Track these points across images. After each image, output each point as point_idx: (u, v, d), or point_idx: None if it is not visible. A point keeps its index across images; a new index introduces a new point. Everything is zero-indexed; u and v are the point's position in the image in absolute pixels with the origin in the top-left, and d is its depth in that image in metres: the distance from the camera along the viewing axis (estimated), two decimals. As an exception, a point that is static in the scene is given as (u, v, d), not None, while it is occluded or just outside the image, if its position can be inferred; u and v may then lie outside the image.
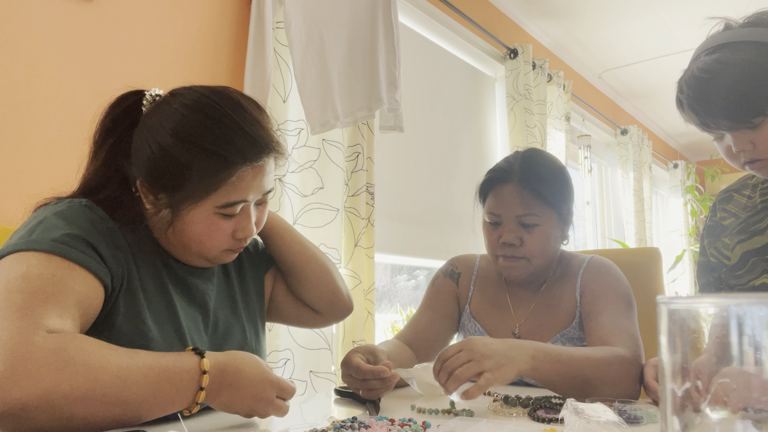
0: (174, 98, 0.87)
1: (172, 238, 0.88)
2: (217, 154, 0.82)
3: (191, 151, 0.82)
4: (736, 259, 1.09)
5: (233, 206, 0.85)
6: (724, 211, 1.17)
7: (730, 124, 0.97)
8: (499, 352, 0.93)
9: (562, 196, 1.26)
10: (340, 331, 1.93)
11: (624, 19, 3.59)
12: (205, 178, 0.82)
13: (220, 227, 0.86)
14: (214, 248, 0.89)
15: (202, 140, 0.82)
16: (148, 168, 0.84)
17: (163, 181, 0.83)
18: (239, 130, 0.84)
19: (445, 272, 1.42)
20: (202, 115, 0.84)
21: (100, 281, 0.77)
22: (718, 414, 0.35)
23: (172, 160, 0.82)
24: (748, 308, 0.33)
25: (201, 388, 0.73)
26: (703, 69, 0.98)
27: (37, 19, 1.40)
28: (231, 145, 0.83)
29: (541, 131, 3.23)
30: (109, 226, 0.82)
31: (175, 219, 0.85)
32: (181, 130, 0.83)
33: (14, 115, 1.36)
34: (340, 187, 1.97)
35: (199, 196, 0.83)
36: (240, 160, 0.83)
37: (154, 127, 0.84)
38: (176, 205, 0.84)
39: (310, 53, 1.83)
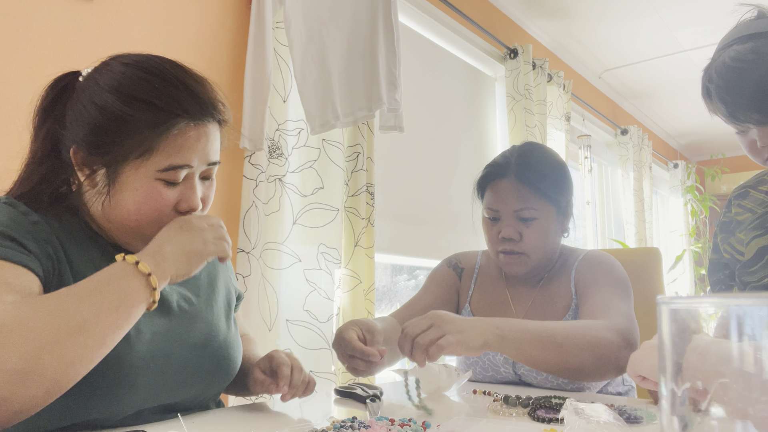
0: (113, 60, 0.85)
1: (109, 213, 0.83)
2: (156, 106, 0.79)
3: (130, 104, 0.78)
4: (750, 254, 1.07)
5: (176, 170, 0.81)
6: (739, 206, 1.15)
7: (761, 117, 0.93)
8: (462, 320, 0.95)
9: (560, 189, 1.26)
10: (340, 331, 1.93)
11: (624, 19, 3.59)
12: (144, 130, 0.78)
13: (162, 195, 0.81)
14: (154, 222, 0.82)
15: (140, 93, 0.79)
16: (85, 130, 0.80)
17: (100, 140, 0.79)
18: (180, 85, 0.82)
19: (450, 264, 1.44)
20: (141, 71, 0.82)
21: (33, 272, 0.73)
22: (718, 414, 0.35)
23: (109, 116, 0.78)
24: (748, 308, 0.33)
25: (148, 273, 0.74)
26: (736, 58, 0.93)
27: (37, 19, 1.40)
28: (172, 99, 0.80)
29: (541, 131, 3.23)
30: (33, 220, 0.78)
31: (112, 186, 0.80)
32: (119, 86, 0.80)
33: (13, 115, 1.35)
34: (340, 187, 1.97)
35: (138, 151, 0.78)
36: (180, 112, 0.80)
37: (90, 87, 0.82)
38: (114, 167, 0.79)
39: (310, 53, 1.83)
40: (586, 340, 1.02)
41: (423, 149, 2.69)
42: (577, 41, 3.86)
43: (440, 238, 2.74)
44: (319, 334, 1.84)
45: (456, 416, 0.88)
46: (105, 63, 0.85)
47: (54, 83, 0.86)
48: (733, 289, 1.15)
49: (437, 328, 0.92)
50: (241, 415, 0.91)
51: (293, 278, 1.83)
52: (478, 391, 1.13)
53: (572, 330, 1.03)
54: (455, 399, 1.06)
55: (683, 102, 4.90)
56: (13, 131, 1.35)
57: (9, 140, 1.34)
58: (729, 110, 0.97)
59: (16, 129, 1.36)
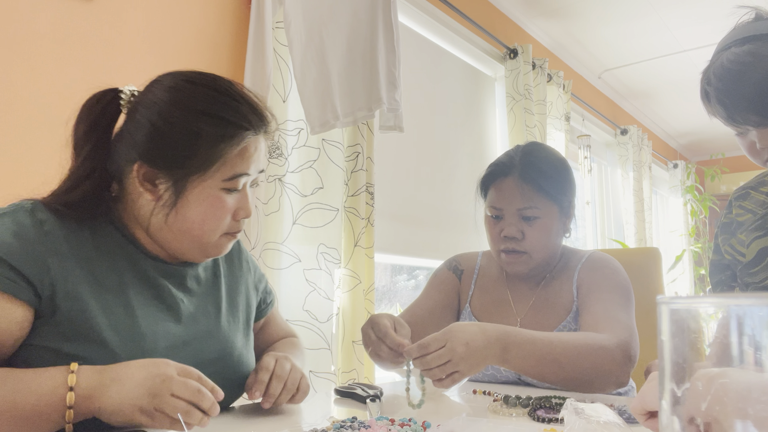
0: (166, 77, 0.87)
1: (173, 226, 0.85)
2: (225, 120, 0.83)
3: (200, 118, 0.82)
4: (751, 255, 1.07)
5: (238, 179, 0.85)
6: (740, 207, 1.15)
7: (760, 119, 0.93)
8: (476, 353, 0.97)
9: (563, 189, 1.26)
10: (340, 331, 1.93)
11: (624, 19, 3.59)
12: (216, 144, 0.82)
13: (225, 204, 0.85)
14: (216, 230, 0.86)
15: (208, 107, 0.83)
16: (151, 145, 0.82)
17: (170, 154, 0.82)
18: (241, 99, 0.86)
19: (449, 266, 1.44)
20: (205, 87, 0.85)
21: (16, 298, 0.74)
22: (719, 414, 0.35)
23: (179, 130, 0.81)
24: (748, 308, 0.33)
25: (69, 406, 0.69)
26: (734, 60, 0.93)
27: (37, 18, 1.40)
28: (237, 112, 0.84)
29: (540, 131, 3.23)
30: (45, 230, 0.78)
31: (179, 199, 0.83)
32: (185, 100, 0.83)
33: (13, 115, 1.35)
34: (339, 187, 1.97)
35: (209, 165, 0.82)
36: (246, 125, 0.84)
37: (152, 103, 0.84)
38: (182, 180, 0.82)
39: (310, 53, 1.83)
40: (588, 355, 1.03)
41: (423, 149, 2.69)
42: (576, 41, 3.87)
43: (440, 238, 2.74)
44: (318, 334, 1.84)
45: (456, 416, 0.88)
46: (159, 80, 0.88)
47: (95, 101, 0.88)
48: (735, 290, 1.15)
49: (453, 365, 0.95)
50: (241, 415, 0.91)
51: (293, 278, 1.83)
52: (478, 391, 1.13)
53: (574, 345, 1.03)
54: (455, 399, 1.06)
55: (683, 102, 4.90)
56: (13, 131, 1.35)
57: (9, 140, 1.34)
58: (728, 113, 0.96)
59: (16, 129, 1.36)
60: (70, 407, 0.69)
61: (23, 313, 0.75)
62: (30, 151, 1.38)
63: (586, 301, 1.21)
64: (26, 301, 0.75)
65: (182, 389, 0.71)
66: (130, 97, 0.87)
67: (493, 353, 0.99)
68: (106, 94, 0.88)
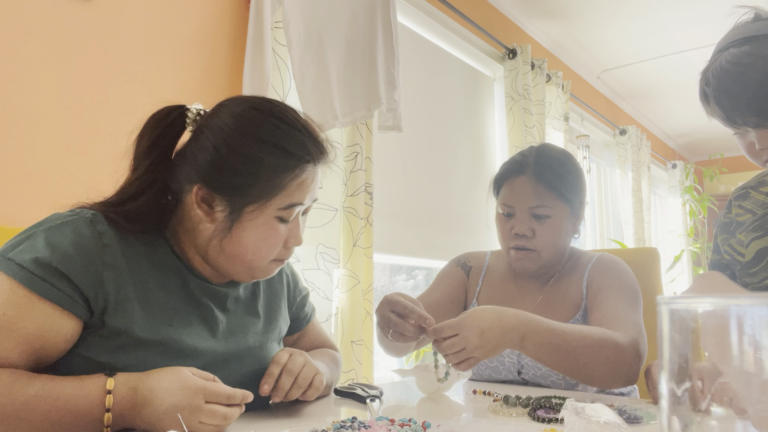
0: (232, 102, 0.88)
1: (226, 249, 0.85)
2: (287, 151, 0.84)
3: (263, 148, 0.83)
4: (750, 255, 1.07)
5: (293, 208, 0.86)
6: (739, 207, 1.15)
7: (759, 120, 0.93)
8: (492, 341, 0.98)
9: (575, 190, 1.28)
10: (339, 331, 1.93)
11: (623, 19, 3.59)
12: (277, 175, 0.83)
13: (278, 232, 0.86)
14: (267, 256, 0.87)
15: (272, 137, 0.83)
16: (214, 169, 0.83)
17: (231, 181, 0.83)
18: (304, 129, 0.86)
19: (458, 263, 1.47)
20: (266, 114, 0.85)
21: (68, 311, 0.75)
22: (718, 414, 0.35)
23: (242, 158, 0.82)
24: (748, 308, 0.33)
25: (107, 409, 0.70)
26: (733, 61, 0.93)
27: (36, 18, 1.40)
28: (299, 143, 0.85)
29: (539, 131, 3.23)
30: (104, 242, 0.79)
31: (235, 225, 0.84)
32: (250, 128, 0.83)
33: (13, 115, 1.35)
34: (338, 187, 1.97)
35: (269, 194, 0.83)
36: (307, 158, 0.85)
37: (218, 128, 0.84)
38: (240, 206, 0.83)
39: (309, 53, 1.83)
40: (602, 349, 1.04)
41: (421, 149, 2.69)
42: (575, 41, 3.87)
43: (439, 238, 2.74)
44: (318, 334, 1.84)
45: (456, 416, 0.88)
46: (224, 104, 0.88)
47: (161, 117, 0.88)
48: None
49: (467, 352, 0.97)
50: (241, 415, 0.91)
51: (292, 278, 1.83)
52: (478, 391, 1.13)
53: (590, 338, 1.04)
54: (455, 399, 1.06)
55: (682, 102, 4.91)
56: (12, 131, 1.35)
57: (9, 140, 1.34)
58: (726, 113, 0.96)
59: (15, 128, 1.36)
60: (108, 410, 0.70)
61: (72, 327, 0.76)
62: (30, 151, 1.37)
63: (596, 300, 1.22)
64: (78, 315, 0.75)
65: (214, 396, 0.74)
66: (196, 116, 0.88)
67: (510, 340, 1.00)
68: (174, 111, 0.89)
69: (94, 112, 1.49)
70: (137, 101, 1.57)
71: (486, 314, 0.99)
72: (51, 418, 0.69)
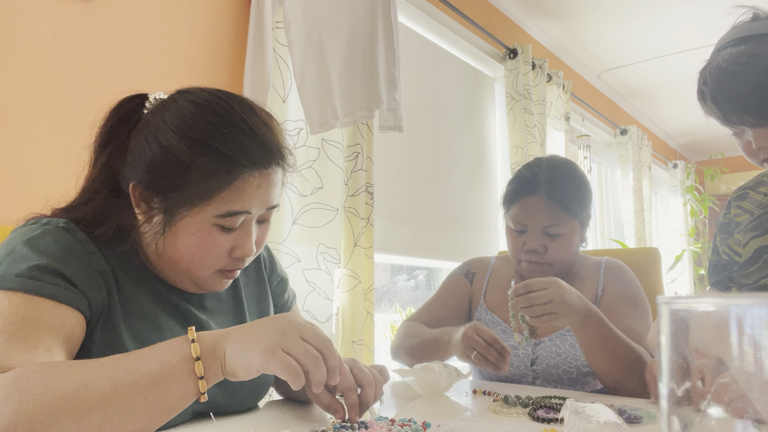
0: (181, 95, 0.82)
1: (162, 252, 0.81)
2: (222, 154, 0.76)
3: (195, 149, 0.76)
4: (748, 255, 1.07)
5: (234, 216, 0.78)
6: (738, 207, 1.15)
7: (755, 120, 0.93)
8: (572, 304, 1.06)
9: (584, 205, 1.32)
10: (339, 331, 1.93)
11: (624, 19, 3.59)
12: (208, 179, 0.76)
13: (217, 241, 0.79)
14: (206, 266, 0.81)
15: (207, 138, 0.76)
16: (146, 168, 0.77)
17: (161, 182, 0.77)
18: (249, 131, 0.78)
19: (462, 271, 1.51)
20: (209, 112, 0.78)
21: (76, 309, 0.71)
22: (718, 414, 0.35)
23: (173, 159, 0.76)
24: (748, 308, 0.33)
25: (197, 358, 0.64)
26: (730, 61, 0.93)
27: (36, 18, 1.40)
28: (238, 146, 0.77)
29: (540, 131, 3.23)
30: (88, 250, 0.76)
31: (168, 227, 0.78)
32: (186, 128, 0.77)
33: (13, 115, 1.35)
34: (339, 187, 1.97)
35: (198, 199, 0.76)
36: (246, 162, 0.77)
37: (156, 124, 0.79)
38: (171, 209, 0.77)
39: (310, 53, 1.83)
40: (637, 364, 1.10)
41: (422, 149, 2.69)
42: (576, 41, 3.87)
43: (439, 238, 2.74)
44: (318, 334, 1.84)
45: (456, 416, 0.88)
46: (173, 98, 0.82)
47: (118, 106, 0.84)
48: (732, 290, 1.15)
49: (552, 305, 1.05)
50: (240, 415, 0.91)
51: (292, 278, 1.83)
52: (478, 391, 1.13)
53: (634, 352, 1.11)
54: (455, 399, 1.06)
55: (682, 102, 4.91)
56: (12, 131, 1.35)
57: (9, 139, 1.34)
58: (723, 113, 0.97)
59: (15, 128, 1.36)
60: (198, 359, 0.64)
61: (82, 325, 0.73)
62: (30, 151, 1.37)
63: (616, 312, 1.26)
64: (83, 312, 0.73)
65: (313, 336, 0.67)
66: (153, 106, 0.83)
67: (580, 313, 1.08)
68: (130, 101, 0.83)
69: (94, 112, 1.49)
70: (138, 101, 1.57)
71: (567, 285, 1.08)
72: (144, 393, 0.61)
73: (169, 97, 0.83)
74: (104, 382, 0.61)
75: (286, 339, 0.65)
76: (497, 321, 1.36)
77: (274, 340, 0.65)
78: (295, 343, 0.65)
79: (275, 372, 0.64)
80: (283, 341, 0.65)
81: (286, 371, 0.63)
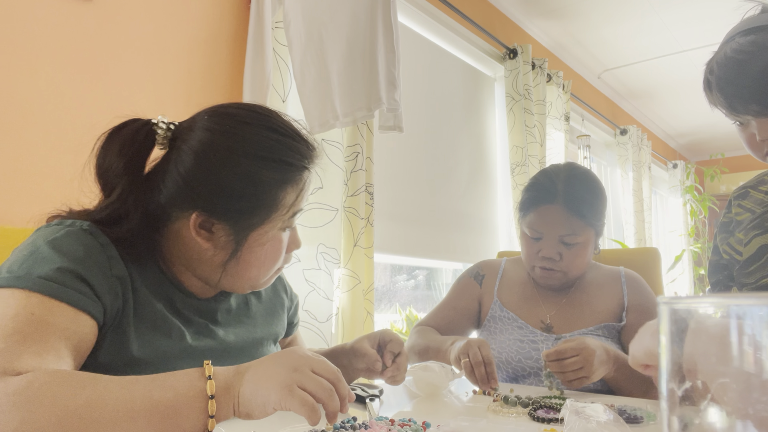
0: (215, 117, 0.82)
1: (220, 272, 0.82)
2: (287, 162, 0.81)
3: (262, 164, 0.79)
4: (749, 253, 1.07)
5: (295, 217, 0.84)
6: (739, 206, 1.15)
7: (760, 109, 0.94)
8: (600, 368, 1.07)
9: (601, 215, 1.34)
10: (339, 331, 1.93)
11: (623, 19, 3.59)
12: (280, 189, 0.80)
13: (283, 243, 0.84)
14: (273, 269, 0.85)
15: (269, 151, 0.80)
16: (211, 195, 0.78)
17: (233, 205, 0.78)
18: (296, 135, 0.84)
19: (471, 273, 1.52)
20: (258, 127, 0.81)
21: (91, 317, 0.71)
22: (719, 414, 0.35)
23: (241, 180, 0.78)
24: (748, 308, 0.33)
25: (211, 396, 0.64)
26: (737, 50, 0.94)
27: (36, 18, 1.40)
28: (296, 152, 0.82)
29: (540, 131, 3.23)
30: (109, 254, 0.76)
31: (242, 248, 0.80)
32: (244, 145, 0.79)
33: (13, 115, 1.35)
34: (339, 187, 1.97)
35: (272, 212, 0.80)
36: (306, 163, 0.83)
37: (207, 148, 0.78)
38: (245, 230, 0.80)
39: (310, 53, 1.83)
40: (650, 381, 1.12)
41: (422, 149, 2.69)
42: (576, 41, 3.87)
43: (439, 238, 2.74)
44: (318, 334, 1.84)
45: (456, 416, 0.88)
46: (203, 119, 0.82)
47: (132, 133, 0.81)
48: (732, 290, 1.15)
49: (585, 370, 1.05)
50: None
51: (292, 278, 1.83)
52: (478, 391, 1.13)
53: None
54: (455, 399, 1.06)
55: (682, 102, 4.91)
56: (13, 131, 1.35)
57: (9, 139, 1.34)
58: (728, 102, 0.97)
59: (15, 128, 1.36)
60: (212, 397, 0.64)
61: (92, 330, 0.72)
62: (29, 152, 1.37)
63: None
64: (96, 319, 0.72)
65: (324, 368, 0.68)
66: (166, 131, 0.82)
67: (609, 367, 1.10)
68: (143, 127, 0.82)
69: (94, 112, 1.49)
70: (137, 101, 1.57)
71: (595, 344, 1.08)
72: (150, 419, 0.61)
73: (197, 120, 0.82)
74: (117, 405, 0.60)
75: (299, 374, 0.66)
76: (513, 317, 1.37)
77: (288, 377, 0.65)
78: (309, 378, 0.66)
79: (292, 409, 0.64)
80: (297, 377, 0.65)
81: (303, 408, 0.64)
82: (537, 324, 1.34)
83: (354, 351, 1.02)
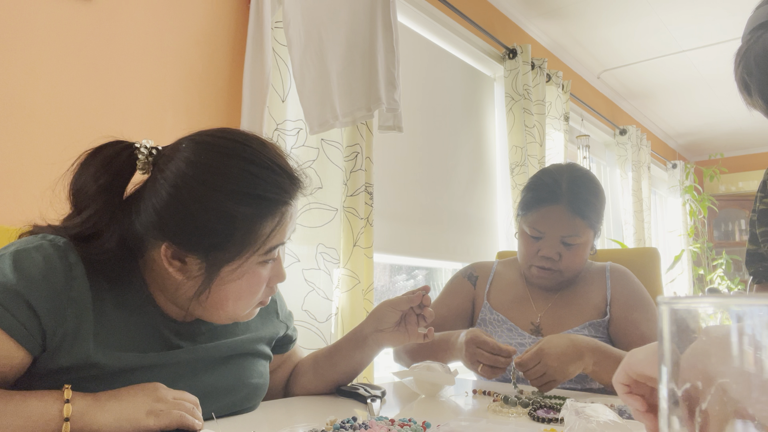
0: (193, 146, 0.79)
1: (204, 302, 0.80)
2: (264, 198, 0.77)
3: (237, 199, 0.75)
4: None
5: (274, 251, 0.80)
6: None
7: None
8: (569, 365, 1.06)
9: (600, 216, 1.34)
10: (339, 331, 1.93)
11: (623, 19, 3.59)
12: (256, 225, 0.76)
13: (261, 278, 0.80)
14: (251, 303, 0.82)
15: (245, 186, 0.76)
16: (181, 229, 0.75)
17: (204, 241, 0.75)
18: (277, 168, 0.79)
19: (464, 274, 1.52)
20: (235, 159, 0.77)
21: (21, 345, 0.70)
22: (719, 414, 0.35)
23: (214, 215, 0.75)
24: (748, 308, 0.33)
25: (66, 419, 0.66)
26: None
27: (36, 18, 1.40)
28: (275, 186, 0.78)
29: (539, 131, 3.23)
30: (73, 275, 0.73)
31: (214, 282, 0.77)
32: (219, 179, 0.75)
33: (13, 115, 1.35)
34: (338, 187, 1.97)
35: (247, 247, 0.77)
36: (286, 198, 0.79)
37: (181, 180, 0.76)
38: (217, 264, 0.76)
39: (309, 53, 1.83)
40: None
41: (422, 149, 2.69)
42: (575, 41, 3.87)
43: (439, 237, 2.74)
44: (317, 334, 1.84)
45: (456, 416, 0.88)
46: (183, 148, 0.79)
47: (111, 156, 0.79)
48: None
49: (549, 376, 1.06)
50: (240, 414, 0.91)
51: (292, 278, 1.83)
52: (478, 391, 1.13)
53: None
54: (455, 399, 1.06)
55: (682, 102, 4.91)
56: (13, 131, 1.35)
57: (9, 140, 1.34)
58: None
59: (15, 128, 1.36)
60: (67, 419, 0.67)
61: (22, 359, 0.71)
62: (29, 152, 1.37)
63: (632, 320, 1.28)
64: (29, 350, 0.71)
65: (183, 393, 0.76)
66: (148, 155, 0.80)
67: (585, 364, 1.09)
68: (124, 150, 0.80)
69: (94, 112, 1.49)
70: (137, 101, 1.56)
71: (560, 341, 1.08)
72: None
73: (178, 149, 0.80)
74: None
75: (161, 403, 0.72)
76: (502, 320, 1.37)
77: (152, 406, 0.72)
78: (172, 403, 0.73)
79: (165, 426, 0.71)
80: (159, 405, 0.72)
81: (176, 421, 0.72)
82: (526, 326, 1.35)
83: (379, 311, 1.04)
